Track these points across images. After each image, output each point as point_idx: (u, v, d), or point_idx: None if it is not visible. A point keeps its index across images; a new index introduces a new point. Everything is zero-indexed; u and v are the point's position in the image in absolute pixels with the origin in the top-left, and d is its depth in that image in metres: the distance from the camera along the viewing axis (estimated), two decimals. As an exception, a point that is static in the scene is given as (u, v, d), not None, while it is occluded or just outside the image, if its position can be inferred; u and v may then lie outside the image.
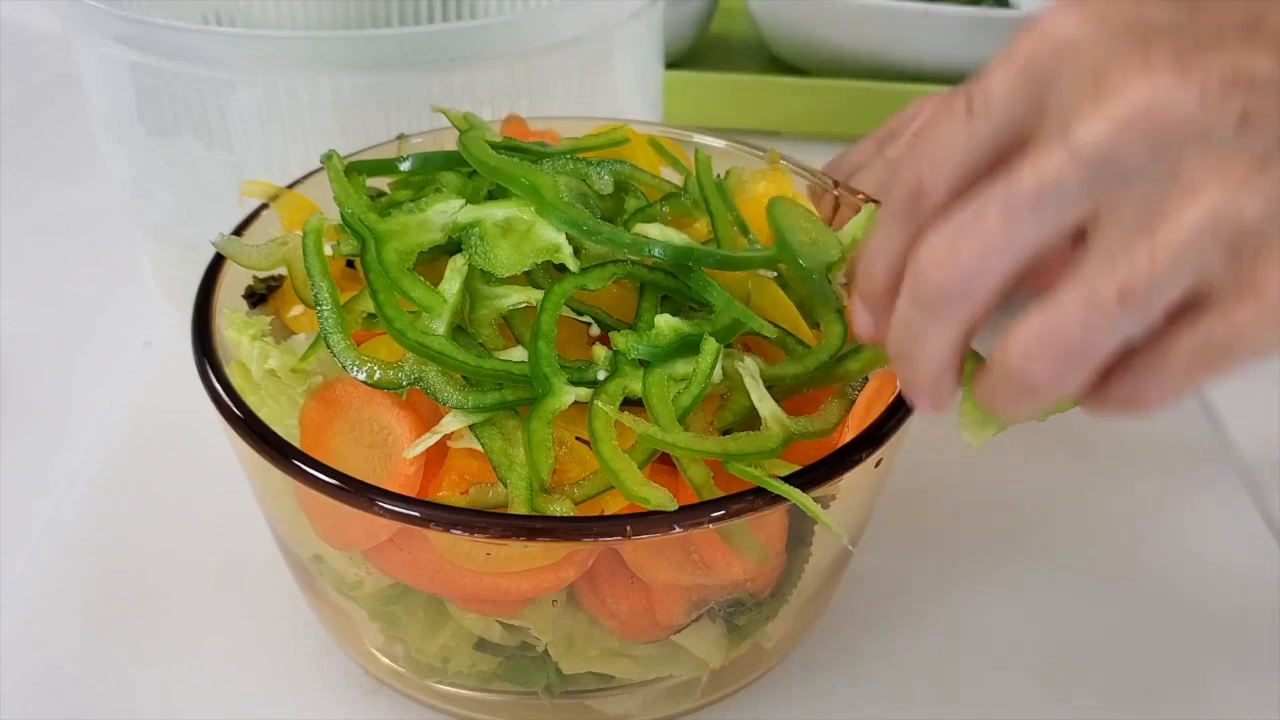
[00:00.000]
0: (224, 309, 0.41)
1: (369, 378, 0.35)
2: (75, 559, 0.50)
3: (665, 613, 0.37)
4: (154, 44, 0.52)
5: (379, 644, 0.41)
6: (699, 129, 0.51)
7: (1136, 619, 0.48)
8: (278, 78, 0.52)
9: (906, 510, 0.52)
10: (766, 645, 0.42)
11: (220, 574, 0.49)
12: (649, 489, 0.33)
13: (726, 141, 0.50)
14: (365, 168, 0.43)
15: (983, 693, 0.45)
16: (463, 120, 0.45)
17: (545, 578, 0.35)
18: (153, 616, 0.47)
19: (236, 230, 0.44)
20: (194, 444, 0.50)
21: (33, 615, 0.47)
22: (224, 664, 0.45)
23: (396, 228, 0.38)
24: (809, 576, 0.40)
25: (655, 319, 0.37)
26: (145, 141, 0.57)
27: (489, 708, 0.41)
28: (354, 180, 0.41)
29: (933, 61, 0.86)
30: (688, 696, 0.41)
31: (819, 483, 0.34)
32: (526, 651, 0.39)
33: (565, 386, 0.35)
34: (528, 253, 0.37)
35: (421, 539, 0.35)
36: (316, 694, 0.45)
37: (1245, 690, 0.46)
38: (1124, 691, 0.45)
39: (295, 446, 0.35)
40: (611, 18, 0.57)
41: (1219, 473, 0.56)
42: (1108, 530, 0.53)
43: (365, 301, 0.38)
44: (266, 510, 0.42)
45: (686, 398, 0.36)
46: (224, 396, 0.37)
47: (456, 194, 0.40)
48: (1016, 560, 0.51)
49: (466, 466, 0.35)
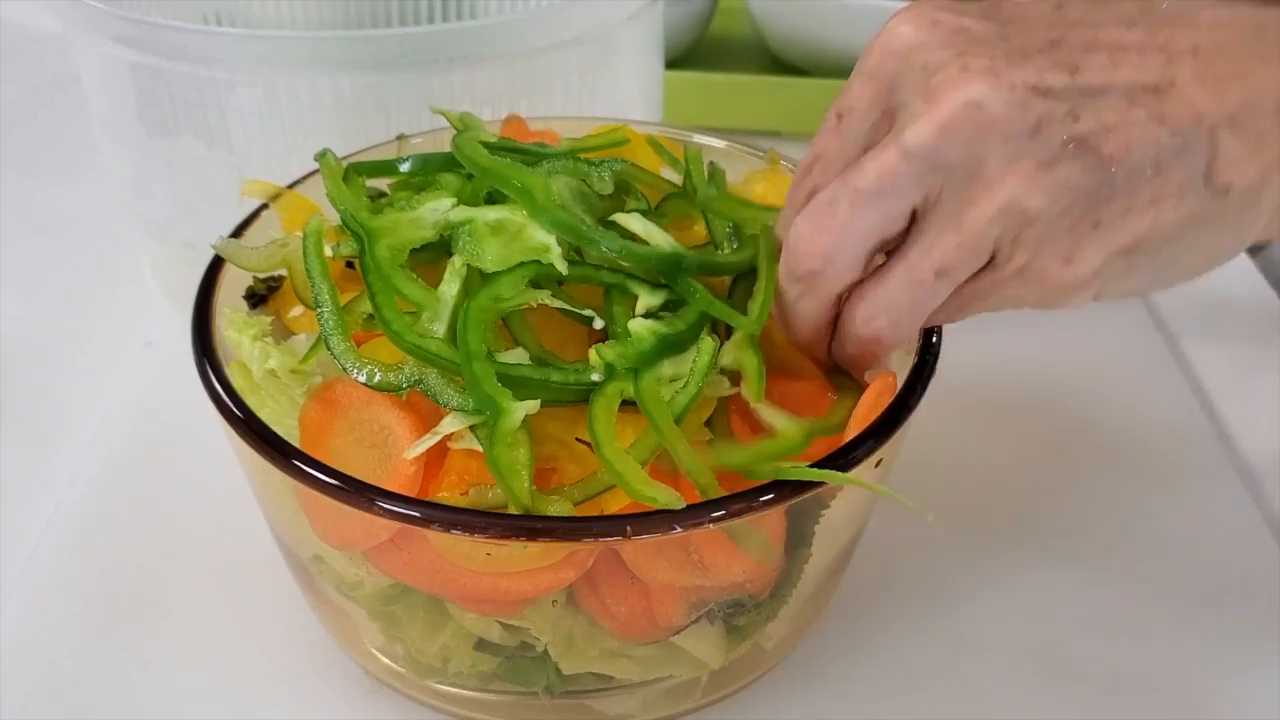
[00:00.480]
0: (224, 309, 0.41)
1: (369, 380, 0.35)
2: (75, 559, 0.50)
3: (664, 614, 0.37)
4: (154, 44, 0.52)
5: (379, 644, 0.41)
6: (699, 129, 0.51)
7: (1136, 618, 0.48)
8: (278, 78, 0.52)
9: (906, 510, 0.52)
10: (766, 645, 0.42)
11: (220, 574, 0.49)
12: (655, 489, 0.33)
13: (726, 141, 0.50)
14: (365, 169, 0.43)
15: (983, 692, 0.45)
16: (459, 120, 0.45)
17: (545, 578, 0.35)
18: (153, 616, 0.47)
19: (236, 231, 0.44)
20: (194, 444, 0.50)
21: (33, 615, 0.47)
22: (224, 664, 0.45)
23: (388, 224, 0.38)
24: (809, 577, 0.40)
25: (629, 324, 0.36)
26: (145, 141, 0.57)
27: (489, 708, 0.41)
28: (353, 181, 0.42)
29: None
30: (688, 696, 0.41)
31: (820, 482, 0.34)
32: (526, 652, 0.39)
33: (512, 405, 0.34)
34: (516, 251, 0.37)
35: (421, 539, 0.35)
36: (316, 694, 0.45)
37: (1245, 690, 0.46)
38: (1124, 691, 0.45)
39: (295, 446, 0.35)
40: (611, 18, 0.57)
41: (1219, 473, 0.56)
42: (1107, 530, 0.53)
43: (365, 303, 0.38)
44: (266, 510, 0.42)
45: (684, 397, 0.36)
46: (224, 396, 0.37)
47: (455, 195, 0.40)
48: (1016, 560, 0.51)
49: (467, 467, 0.35)
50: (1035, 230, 0.32)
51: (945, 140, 0.31)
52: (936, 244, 0.33)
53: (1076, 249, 0.32)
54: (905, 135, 0.32)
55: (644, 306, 0.37)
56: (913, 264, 0.34)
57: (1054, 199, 0.31)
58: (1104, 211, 0.32)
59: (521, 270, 0.37)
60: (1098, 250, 0.32)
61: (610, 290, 0.38)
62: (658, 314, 0.38)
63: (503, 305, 0.36)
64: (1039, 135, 0.31)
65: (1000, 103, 0.30)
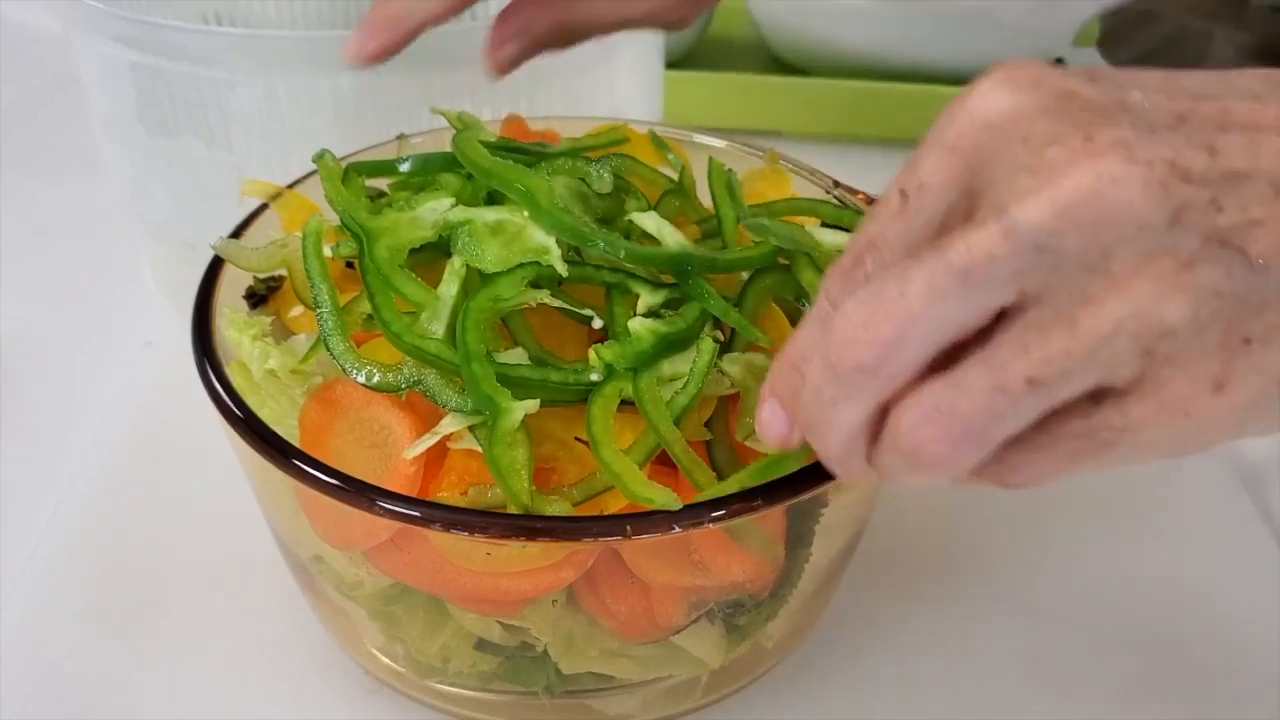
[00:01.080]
0: (224, 309, 0.41)
1: (368, 380, 0.35)
2: (75, 559, 0.50)
3: (664, 614, 0.37)
4: (154, 44, 0.52)
5: (379, 644, 0.41)
6: (699, 129, 0.51)
7: (1136, 619, 0.48)
8: (278, 78, 0.52)
9: (906, 510, 0.52)
10: (767, 645, 0.42)
11: (220, 574, 0.49)
12: (652, 489, 0.33)
13: (726, 141, 0.50)
14: (365, 169, 0.43)
15: (984, 692, 0.45)
16: (458, 120, 0.45)
17: (545, 578, 0.35)
18: (153, 616, 0.47)
19: (236, 231, 0.44)
20: (194, 444, 0.50)
21: (33, 615, 0.47)
22: (224, 664, 0.46)
23: (387, 225, 0.38)
24: (809, 577, 0.40)
25: (630, 323, 0.36)
26: (145, 141, 0.57)
27: (489, 708, 0.41)
28: (353, 182, 0.41)
29: (932, 61, 0.86)
30: (688, 696, 0.41)
31: (819, 483, 0.34)
32: (526, 651, 0.39)
33: (512, 404, 0.34)
34: (516, 252, 0.37)
35: (421, 539, 0.35)
36: (316, 694, 0.45)
37: (1245, 690, 0.46)
38: (1124, 691, 0.45)
39: (295, 446, 0.35)
40: (611, 18, 0.57)
41: (1219, 473, 0.56)
42: (1107, 530, 0.53)
43: (365, 303, 0.38)
44: (266, 510, 0.42)
45: (684, 398, 0.35)
46: (224, 396, 0.37)
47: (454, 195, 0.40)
48: (1016, 560, 0.51)
49: (466, 467, 0.35)
50: (1173, 346, 0.25)
51: (1065, 224, 0.25)
52: (1036, 347, 0.26)
53: (1229, 373, 0.26)
54: (1012, 213, 0.25)
55: (645, 306, 0.37)
56: (999, 363, 0.26)
57: (1197, 306, 0.25)
58: (1256, 326, 0.26)
59: (521, 271, 0.37)
60: (1254, 374, 0.26)
61: (611, 290, 0.38)
62: (658, 312, 0.38)
63: (502, 306, 0.36)
64: (1178, 227, 0.25)
65: (1137, 183, 0.25)
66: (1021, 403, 0.26)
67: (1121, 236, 0.25)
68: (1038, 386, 0.26)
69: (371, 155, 0.46)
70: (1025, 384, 0.26)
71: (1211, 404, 0.26)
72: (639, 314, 0.37)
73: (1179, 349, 0.25)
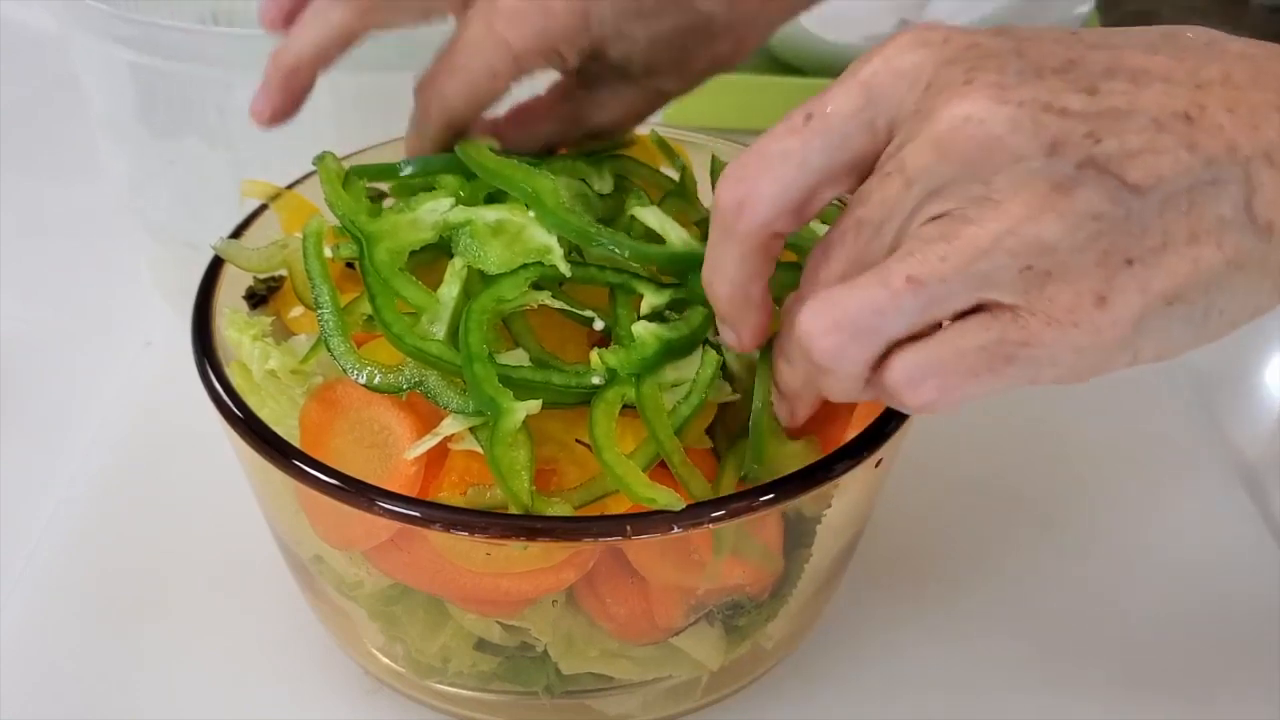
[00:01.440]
0: (224, 309, 0.41)
1: (369, 381, 0.35)
2: (75, 559, 0.50)
3: (664, 615, 0.37)
4: (154, 44, 0.52)
5: (379, 644, 0.41)
6: (699, 129, 0.51)
7: (1136, 618, 0.48)
8: (278, 78, 0.52)
9: (906, 510, 0.52)
10: (766, 646, 0.42)
11: (220, 574, 0.49)
12: (655, 490, 0.33)
13: (726, 141, 0.50)
14: (366, 172, 0.42)
15: (984, 691, 0.45)
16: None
17: (545, 579, 0.35)
18: (153, 616, 0.47)
19: (236, 231, 0.44)
20: (194, 444, 0.50)
21: (33, 615, 0.47)
22: (224, 664, 0.46)
23: (387, 227, 0.38)
24: (808, 578, 0.40)
25: (634, 327, 0.36)
26: (145, 141, 0.57)
27: (489, 708, 0.41)
28: (353, 184, 0.41)
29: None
30: (688, 696, 0.41)
31: (819, 482, 0.34)
32: (526, 652, 0.39)
33: (514, 405, 0.34)
34: (519, 252, 0.37)
35: (421, 539, 0.35)
36: (316, 694, 0.45)
37: (1246, 690, 0.46)
38: (1124, 691, 0.45)
39: (295, 447, 0.35)
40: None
41: (1219, 473, 0.56)
42: (1108, 530, 0.53)
43: (365, 304, 0.37)
44: (266, 510, 0.42)
45: (686, 408, 0.35)
46: (224, 397, 0.37)
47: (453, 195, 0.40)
48: (1016, 559, 0.51)
49: (467, 468, 0.35)
50: (1052, 262, 0.28)
51: (941, 158, 0.28)
52: (917, 254, 0.29)
53: (1110, 287, 0.28)
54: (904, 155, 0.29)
55: (649, 306, 0.37)
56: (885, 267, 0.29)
57: (1073, 226, 0.28)
58: (1136, 248, 0.28)
59: (525, 272, 0.37)
60: (1135, 293, 0.28)
61: (614, 290, 0.38)
62: (663, 313, 0.38)
63: (504, 307, 0.36)
64: (1054, 157, 0.28)
65: (1003, 120, 0.28)
66: (902, 299, 0.29)
67: (999, 167, 0.28)
68: (916, 284, 0.29)
69: (371, 156, 0.46)
70: (905, 281, 0.29)
71: (1096, 316, 0.28)
72: (643, 315, 0.37)
73: (1058, 266, 0.28)
